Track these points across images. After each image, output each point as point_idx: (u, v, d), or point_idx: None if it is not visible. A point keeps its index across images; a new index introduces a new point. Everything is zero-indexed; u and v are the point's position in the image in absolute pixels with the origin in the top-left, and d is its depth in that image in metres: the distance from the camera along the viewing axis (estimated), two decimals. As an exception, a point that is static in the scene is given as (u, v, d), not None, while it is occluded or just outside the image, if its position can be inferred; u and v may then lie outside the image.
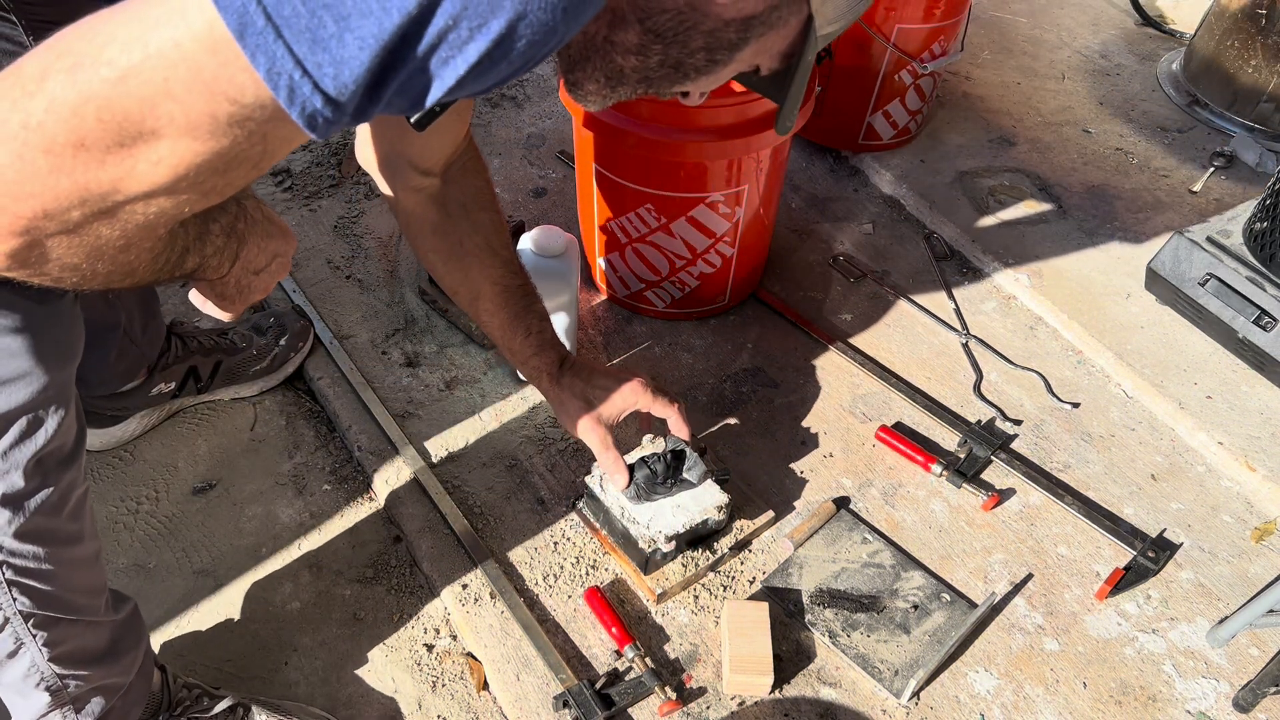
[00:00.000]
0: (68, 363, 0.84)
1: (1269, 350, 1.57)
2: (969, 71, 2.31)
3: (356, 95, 0.53)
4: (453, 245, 1.14)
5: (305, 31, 0.50)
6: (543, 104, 2.16)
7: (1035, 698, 1.24)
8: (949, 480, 1.45)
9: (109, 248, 0.63)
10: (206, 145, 0.56)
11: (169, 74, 0.53)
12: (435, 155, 1.07)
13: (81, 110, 0.54)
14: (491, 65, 0.53)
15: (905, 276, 1.81)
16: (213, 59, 0.52)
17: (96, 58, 0.53)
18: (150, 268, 0.70)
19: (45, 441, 0.83)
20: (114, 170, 0.56)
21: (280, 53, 0.50)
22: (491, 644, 1.26)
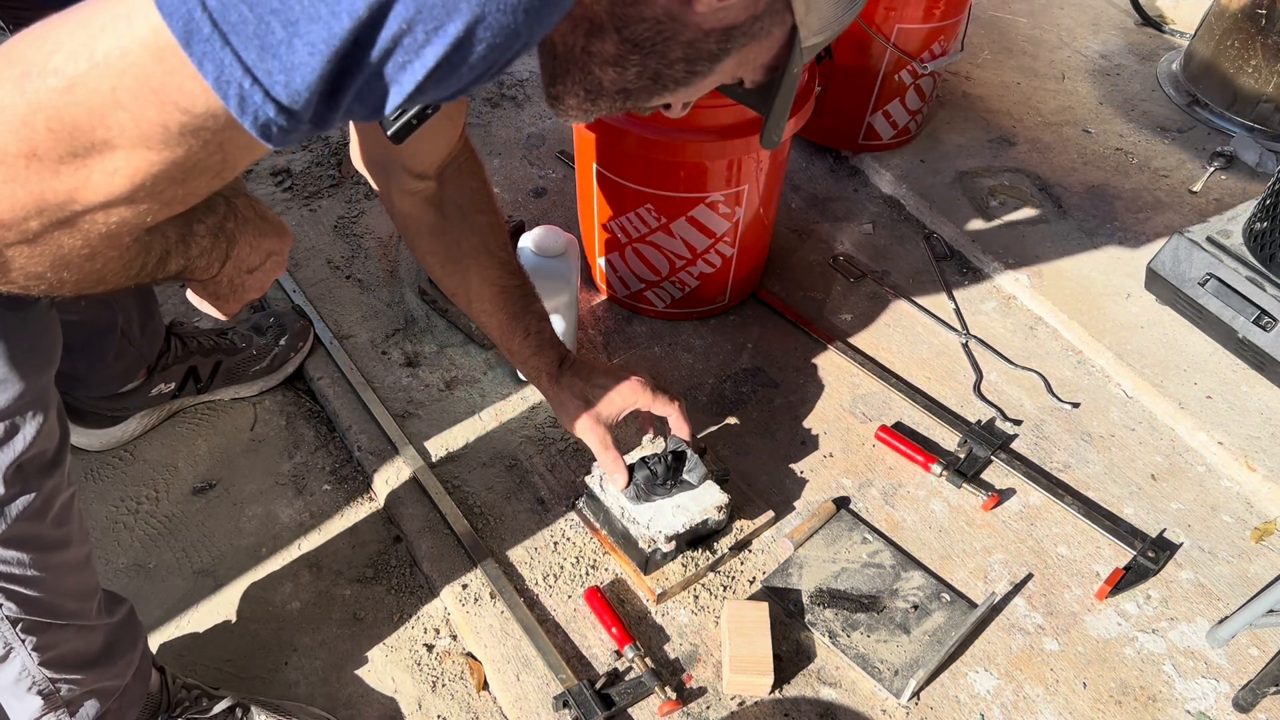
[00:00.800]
0: (45, 368, 0.83)
1: (1269, 350, 1.57)
2: (969, 71, 2.31)
3: (311, 103, 0.51)
4: (450, 247, 1.14)
5: (253, 38, 0.48)
6: (542, 104, 2.15)
7: (1035, 698, 1.24)
8: (949, 480, 1.45)
9: (73, 256, 0.62)
10: (161, 155, 0.54)
11: (116, 83, 0.51)
12: (429, 159, 1.07)
13: (31, 120, 0.52)
14: (451, 70, 0.52)
15: (905, 276, 1.81)
16: (160, 67, 0.50)
17: (44, 66, 0.51)
18: (123, 274, 0.68)
19: (24, 448, 0.82)
20: (69, 180, 0.55)
21: (228, 60, 0.49)
22: (491, 644, 1.26)
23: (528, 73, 2.24)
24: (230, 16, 0.48)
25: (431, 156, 1.06)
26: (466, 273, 1.15)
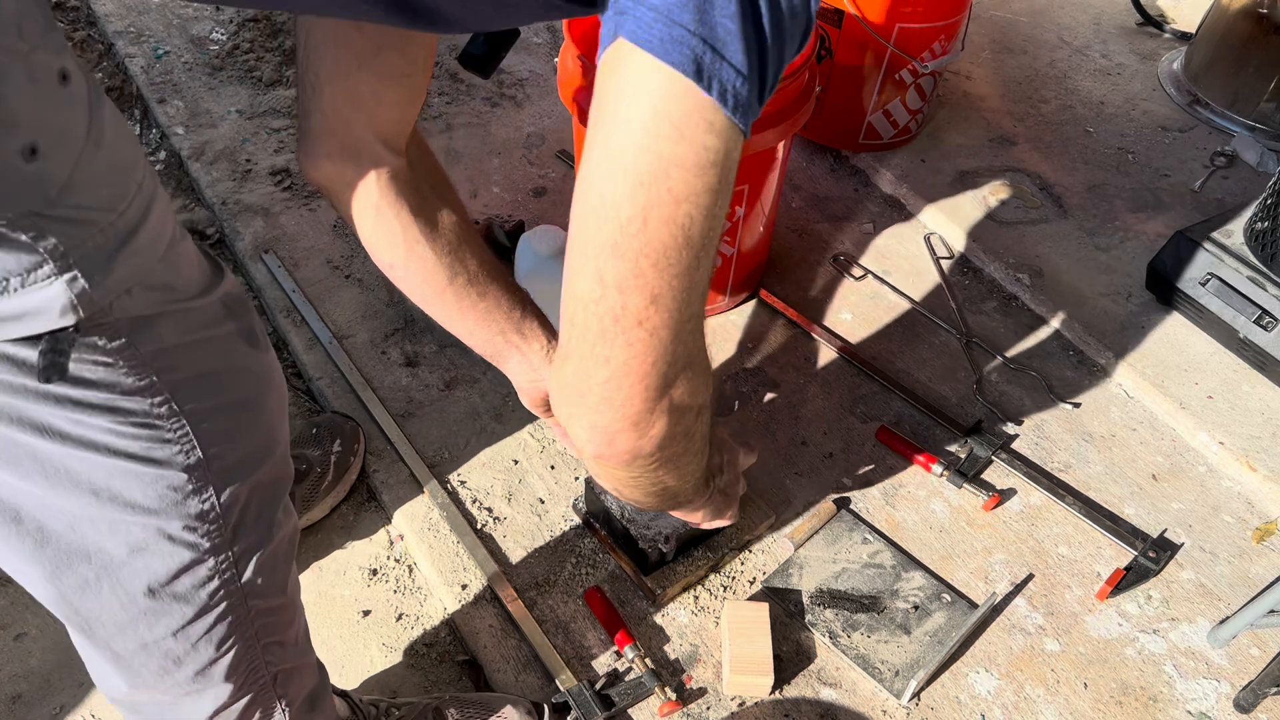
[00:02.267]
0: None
1: (1270, 350, 1.56)
2: (969, 71, 2.31)
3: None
4: (435, 229, 1.05)
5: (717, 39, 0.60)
6: (542, 103, 2.15)
7: (1036, 698, 1.24)
8: (949, 480, 1.45)
9: (692, 425, 0.79)
10: (717, 196, 0.65)
11: (658, 168, 0.62)
12: (407, 120, 0.99)
13: (639, 265, 0.65)
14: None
15: (905, 276, 1.81)
16: (677, 110, 0.61)
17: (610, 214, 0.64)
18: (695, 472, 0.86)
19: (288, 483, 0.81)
20: (702, 277, 0.69)
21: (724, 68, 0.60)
22: (491, 644, 1.26)
23: (527, 72, 2.24)
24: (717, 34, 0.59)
25: (409, 118, 1.00)
26: (463, 255, 1.06)
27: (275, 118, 2.07)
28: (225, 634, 0.78)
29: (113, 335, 0.61)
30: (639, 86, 0.61)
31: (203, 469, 0.70)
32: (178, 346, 0.66)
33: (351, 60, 0.88)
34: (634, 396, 0.72)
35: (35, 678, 1.24)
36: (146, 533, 0.69)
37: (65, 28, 2.33)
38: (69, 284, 0.56)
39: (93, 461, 0.64)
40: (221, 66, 2.19)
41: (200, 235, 1.87)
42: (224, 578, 0.75)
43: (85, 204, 0.57)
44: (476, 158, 1.99)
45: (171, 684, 0.78)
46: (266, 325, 1.71)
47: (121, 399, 0.63)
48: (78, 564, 0.69)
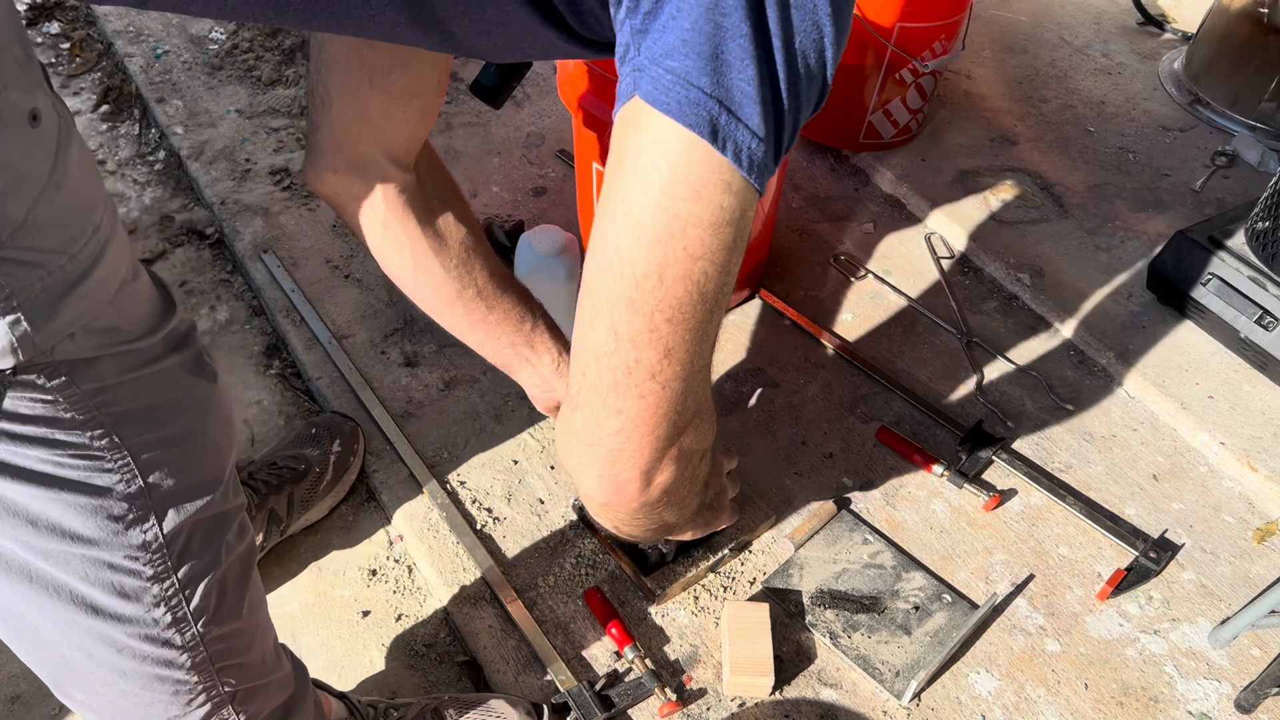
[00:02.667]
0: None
1: (1271, 350, 1.56)
2: (970, 70, 2.30)
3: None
4: (445, 244, 1.04)
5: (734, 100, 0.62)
6: (542, 103, 2.15)
7: (1036, 699, 1.23)
8: (950, 481, 1.45)
9: (695, 464, 0.81)
10: (732, 252, 0.67)
11: (674, 225, 0.64)
12: (417, 138, 0.99)
13: (654, 324, 0.67)
14: None
15: (906, 276, 1.80)
16: (693, 173, 0.63)
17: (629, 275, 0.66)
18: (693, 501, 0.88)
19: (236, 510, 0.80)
20: (715, 327, 0.71)
21: (740, 130, 0.62)
22: (491, 645, 1.26)
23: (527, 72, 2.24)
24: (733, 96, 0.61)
25: (420, 135, 1.00)
26: (472, 267, 1.06)
27: (275, 117, 2.07)
28: (174, 657, 0.77)
29: (51, 374, 0.60)
30: (657, 147, 0.63)
31: (144, 498, 0.69)
32: (119, 384, 0.65)
33: (363, 78, 0.88)
34: (644, 447, 0.73)
35: (35, 678, 1.22)
36: (86, 563, 0.69)
37: (65, 27, 2.33)
38: (10, 326, 0.55)
39: (29, 492, 0.63)
40: (221, 66, 2.19)
41: (200, 235, 1.87)
42: (170, 604, 0.74)
43: (37, 246, 0.56)
44: (476, 157, 1.99)
45: (118, 694, 0.78)
46: (265, 325, 1.71)
47: (59, 433, 0.62)
48: (20, 582, 0.68)
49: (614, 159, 0.67)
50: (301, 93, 2.12)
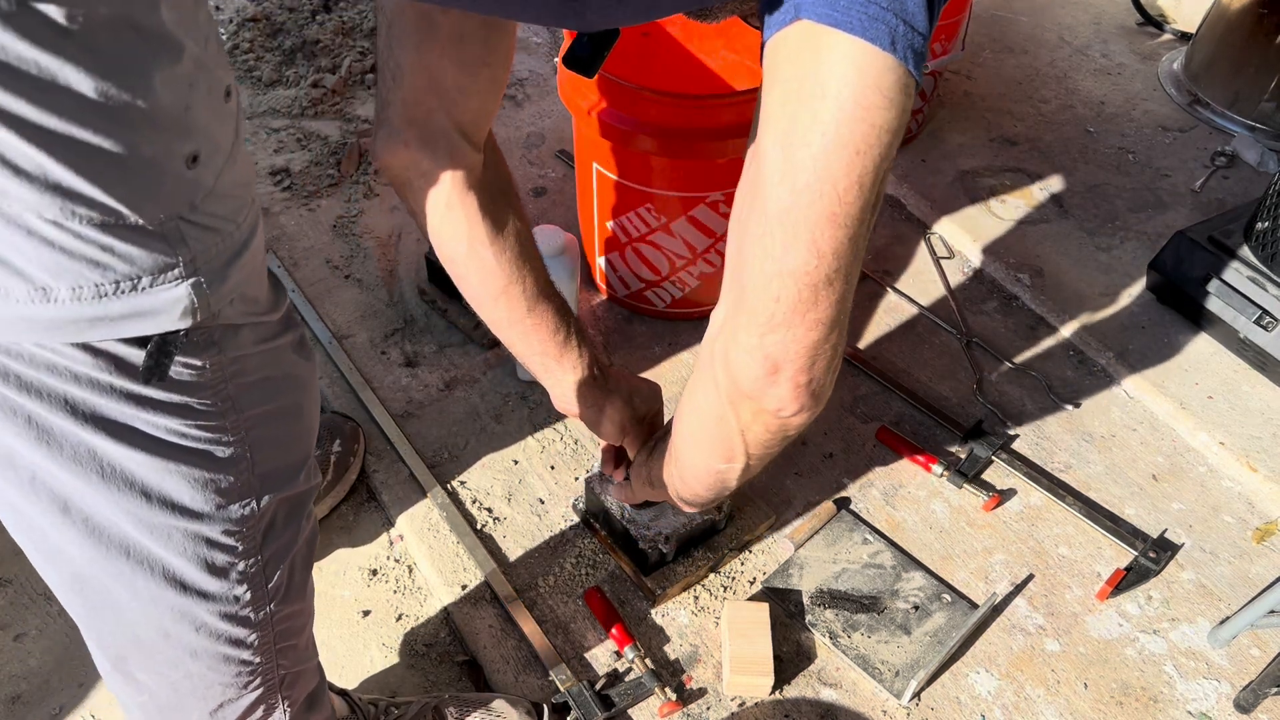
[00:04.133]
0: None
1: (1270, 350, 1.56)
2: (970, 71, 2.31)
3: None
4: (498, 229, 1.03)
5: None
6: (542, 103, 2.15)
7: (1036, 699, 1.23)
8: (950, 480, 1.45)
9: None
10: (889, 149, 0.68)
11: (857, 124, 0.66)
12: (487, 117, 0.99)
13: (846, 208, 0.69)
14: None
15: (905, 276, 1.81)
16: (868, 78, 0.65)
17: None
18: None
19: (311, 484, 0.82)
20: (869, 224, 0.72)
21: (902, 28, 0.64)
22: (491, 645, 1.26)
23: (527, 72, 2.24)
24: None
25: (490, 113, 1.00)
26: (522, 265, 1.05)
27: (275, 118, 2.07)
28: (245, 635, 0.79)
29: (208, 340, 0.63)
30: (843, 63, 0.65)
31: (249, 473, 0.71)
32: (250, 355, 0.68)
33: (435, 49, 0.90)
34: (837, 346, 0.77)
35: (35, 678, 1.24)
36: (187, 537, 0.71)
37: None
38: (193, 287, 0.58)
39: (151, 464, 0.66)
40: (221, 66, 2.19)
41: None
42: (252, 582, 0.77)
43: (219, 213, 0.59)
44: (476, 157, 1.99)
45: (183, 675, 0.79)
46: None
47: (196, 401, 0.65)
48: (116, 557, 0.70)
49: (785, 84, 0.68)
50: (301, 93, 2.12)
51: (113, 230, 0.53)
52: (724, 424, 0.84)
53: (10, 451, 0.63)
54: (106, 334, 0.57)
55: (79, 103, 0.49)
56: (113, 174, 0.52)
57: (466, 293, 1.07)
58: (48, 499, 0.66)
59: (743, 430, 0.84)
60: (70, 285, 0.54)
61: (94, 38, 0.48)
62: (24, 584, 1.32)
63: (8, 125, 0.48)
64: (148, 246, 0.55)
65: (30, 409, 0.60)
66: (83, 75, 0.48)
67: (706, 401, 0.85)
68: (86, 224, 0.52)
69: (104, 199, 0.52)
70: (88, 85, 0.48)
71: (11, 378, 0.58)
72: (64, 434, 0.62)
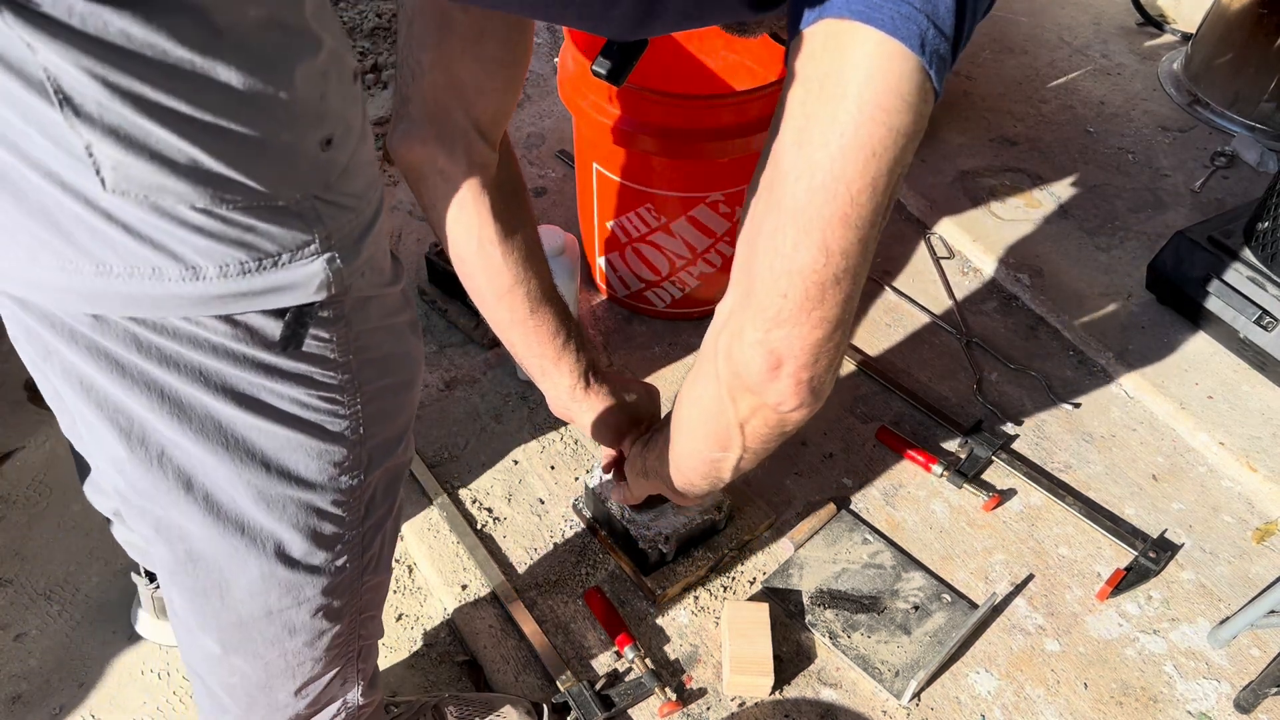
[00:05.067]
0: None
1: (1270, 350, 1.56)
2: (970, 71, 2.31)
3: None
4: (507, 230, 1.04)
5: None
6: (542, 104, 2.15)
7: (1036, 699, 1.24)
8: (950, 480, 1.45)
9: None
10: (907, 148, 0.68)
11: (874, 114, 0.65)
12: (505, 116, 1.00)
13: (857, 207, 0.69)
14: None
15: (905, 276, 1.81)
16: (890, 75, 0.65)
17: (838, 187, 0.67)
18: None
19: (407, 458, 0.83)
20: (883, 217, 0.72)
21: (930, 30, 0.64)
22: (491, 645, 1.26)
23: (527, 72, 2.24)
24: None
25: (507, 112, 1.01)
26: (528, 267, 1.06)
27: (275, 117, 2.07)
28: (341, 606, 0.81)
29: (339, 312, 0.65)
30: (867, 62, 0.65)
31: (360, 446, 0.73)
32: (375, 329, 0.70)
33: (456, 46, 0.92)
34: (840, 345, 0.78)
35: (35, 678, 1.24)
36: (300, 508, 0.73)
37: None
38: (328, 263, 0.61)
39: (273, 433, 0.68)
40: (221, 66, 2.19)
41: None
42: (352, 552, 0.78)
43: (351, 191, 0.62)
44: (476, 158, 1.99)
45: (278, 654, 0.81)
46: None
47: (319, 372, 0.67)
48: (232, 533, 0.72)
49: (807, 82, 0.68)
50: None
51: (255, 212, 0.56)
52: (722, 415, 0.85)
53: (145, 425, 0.66)
54: (249, 306, 0.60)
55: (228, 96, 0.52)
56: (255, 160, 0.55)
57: (472, 290, 1.08)
58: (173, 476, 0.68)
59: (741, 423, 0.85)
60: (218, 264, 0.57)
61: (244, 37, 0.51)
62: (24, 584, 1.32)
63: (164, 122, 0.51)
64: (287, 225, 0.58)
65: (166, 382, 0.63)
66: (233, 72, 0.51)
67: (706, 392, 0.86)
68: (232, 208, 0.55)
69: (248, 183, 0.55)
70: (237, 80, 0.51)
71: (154, 351, 0.61)
72: (195, 404, 0.64)
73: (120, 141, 0.50)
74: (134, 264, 0.55)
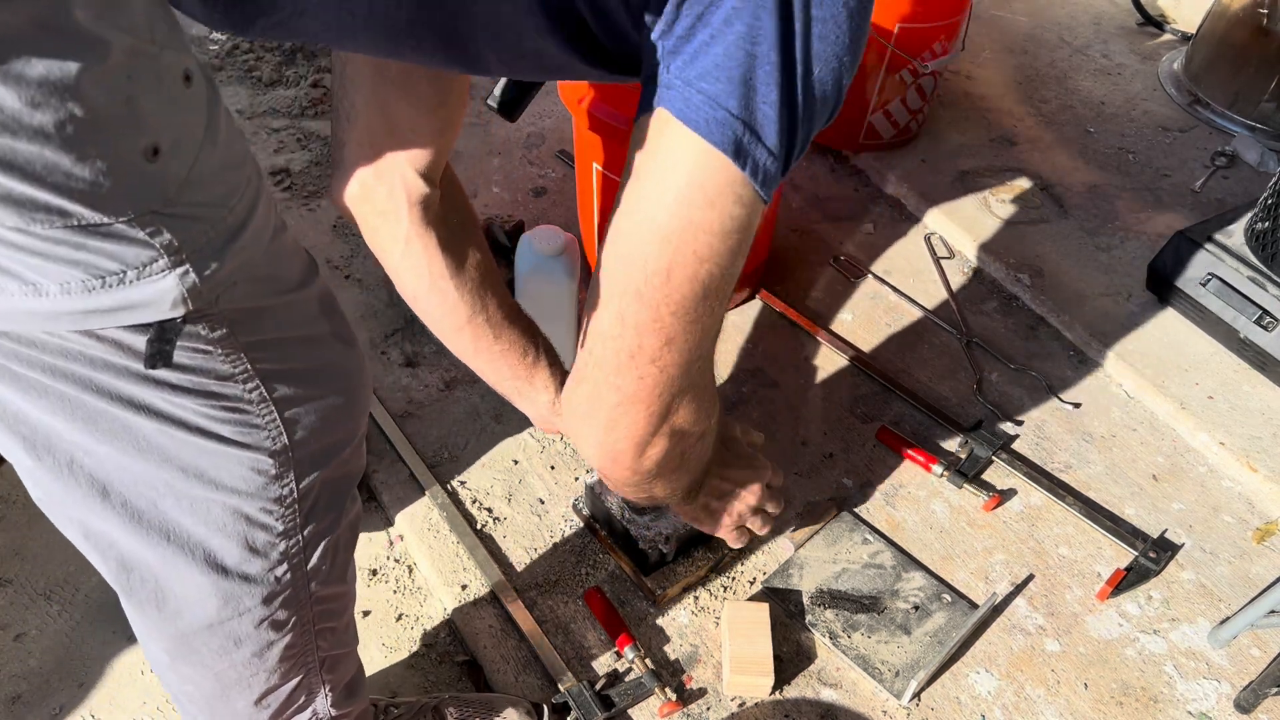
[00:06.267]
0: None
1: (1270, 350, 1.56)
2: (970, 71, 2.31)
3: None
4: (458, 262, 1.05)
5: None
6: (542, 104, 2.15)
7: (1036, 699, 1.23)
8: (950, 480, 1.45)
9: (693, 443, 0.88)
10: (735, 255, 0.73)
11: (694, 225, 0.71)
12: (443, 154, 1.00)
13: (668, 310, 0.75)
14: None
15: (906, 276, 1.81)
16: (711, 184, 0.69)
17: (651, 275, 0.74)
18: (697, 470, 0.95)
19: (359, 468, 0.83)
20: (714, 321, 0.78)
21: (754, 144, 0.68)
22: (491, 645, 1.26)
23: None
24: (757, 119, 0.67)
25: (441, 154, 1.01)
26: (484, 294, 1.07)
27: (275, 118, 2.07)
28: (286, 617, 0.80)
29: (215, 325, 0.63)
30: (679, 157, 0.69)
31: (287, 455, 0.72)
32: (278, 340, 0.69)
33: (389, 90, 0.92)
34: (639, 422, 0.81)
35: (35, 678, 1.24)
36: (226, 512, 0.71)
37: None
38: (180, 278, 0.58)
39: (183, 440, 0.66)
40: (221, 67, 2.19)
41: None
42: (292, 562, 0.77)
43: (200, 201, 0.59)
44: (476, 158, 1.99)
45: (228, 664, 0.80)
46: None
47: (215, 384, 0.65)
48: (158, 541, 0.71)
49: (634, 162, 0.73)
50: (301, 93, 2.12)
51: (80, 231, 0.53)
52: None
53: (49, 434, 0.64)
54: (103, 324, 0.58)
55: (6, 117, 0.48)
56: (63, 180, 0.51)
57: (431, 326, 1.09)
58: (87, 484, 0.67)
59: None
60: (58, 282, 0.54)
61: (8, 51, 0.47)
62: (24, 584, 1.32)
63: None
64: (125, 243, 0.55)
65: (62, 390, 0.61)
66: (4, 89, 0.47)
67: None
68: (52, 228, 0.52)
69: (61, 203, 0.51)
70: (11, 98, 0.47)
71: (36, 363, 0.60)
72: (98, 411, 0.63)
73: None
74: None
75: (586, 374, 0.80)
